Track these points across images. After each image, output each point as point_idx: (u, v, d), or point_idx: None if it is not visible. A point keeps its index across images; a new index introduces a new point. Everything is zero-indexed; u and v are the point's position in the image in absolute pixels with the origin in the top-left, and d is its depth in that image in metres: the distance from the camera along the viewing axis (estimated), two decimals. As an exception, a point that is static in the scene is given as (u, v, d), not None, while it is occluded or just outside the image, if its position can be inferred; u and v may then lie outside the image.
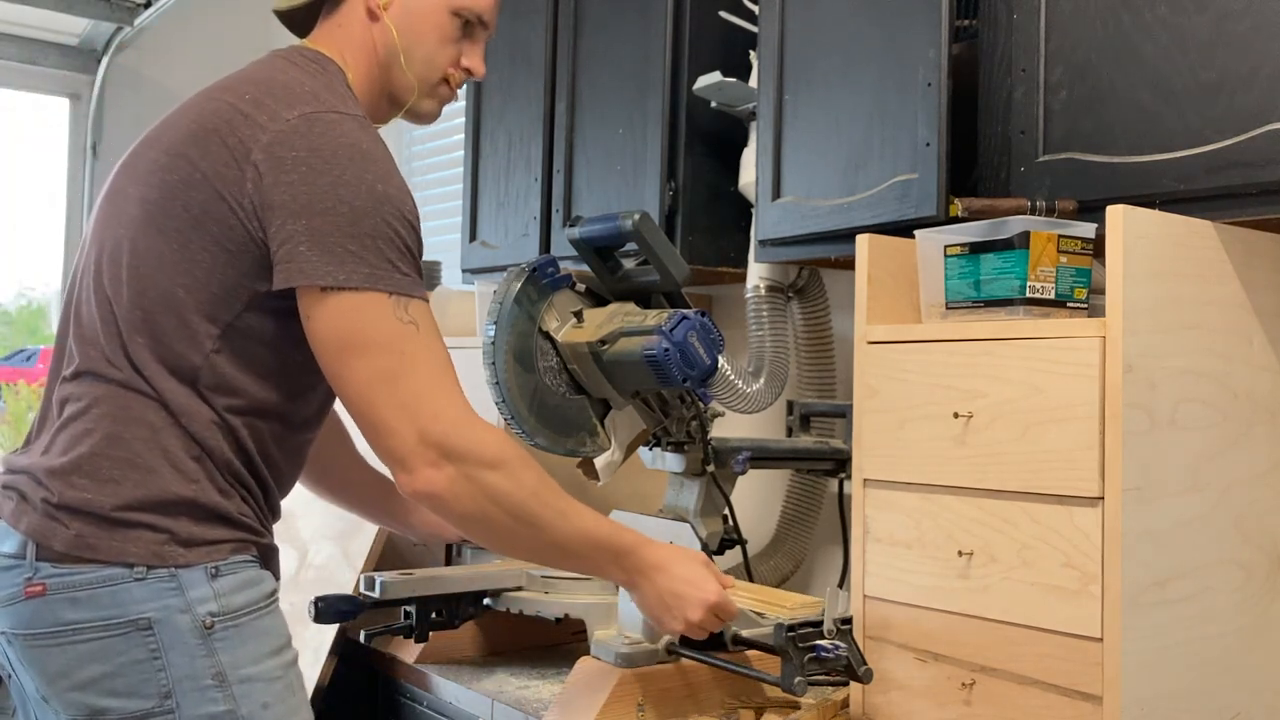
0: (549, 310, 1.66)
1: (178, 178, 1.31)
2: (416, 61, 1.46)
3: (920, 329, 1.47)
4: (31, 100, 3.80)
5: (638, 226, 1.62)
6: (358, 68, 1.44)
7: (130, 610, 1.25)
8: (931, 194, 1.60)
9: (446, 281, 2.98)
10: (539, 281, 1.66)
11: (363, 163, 1.29)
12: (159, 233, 1.31)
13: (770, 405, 2.08)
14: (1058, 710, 1.27)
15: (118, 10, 3.51)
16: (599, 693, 1.48)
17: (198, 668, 1.26)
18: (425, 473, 1.26)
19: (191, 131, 1.33)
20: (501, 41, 2.58)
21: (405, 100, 1.49)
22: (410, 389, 1.27)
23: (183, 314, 1.30)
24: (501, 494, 1.29)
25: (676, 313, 1.58)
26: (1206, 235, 1.33)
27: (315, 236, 1.25)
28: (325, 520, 2.08)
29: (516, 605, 1.71)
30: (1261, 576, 1.40)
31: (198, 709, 1.26)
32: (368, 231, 1.27)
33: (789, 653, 1.40)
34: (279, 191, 1.26)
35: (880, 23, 1.71)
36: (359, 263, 1.26)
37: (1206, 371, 1.33)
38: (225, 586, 1.29)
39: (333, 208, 1.26)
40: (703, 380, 1.60)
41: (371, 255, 1.27)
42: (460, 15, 1.47)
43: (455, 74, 1.51)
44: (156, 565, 1.26)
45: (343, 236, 1.26)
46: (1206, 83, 1.35)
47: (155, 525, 1.27)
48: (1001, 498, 1.34)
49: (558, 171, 2.37)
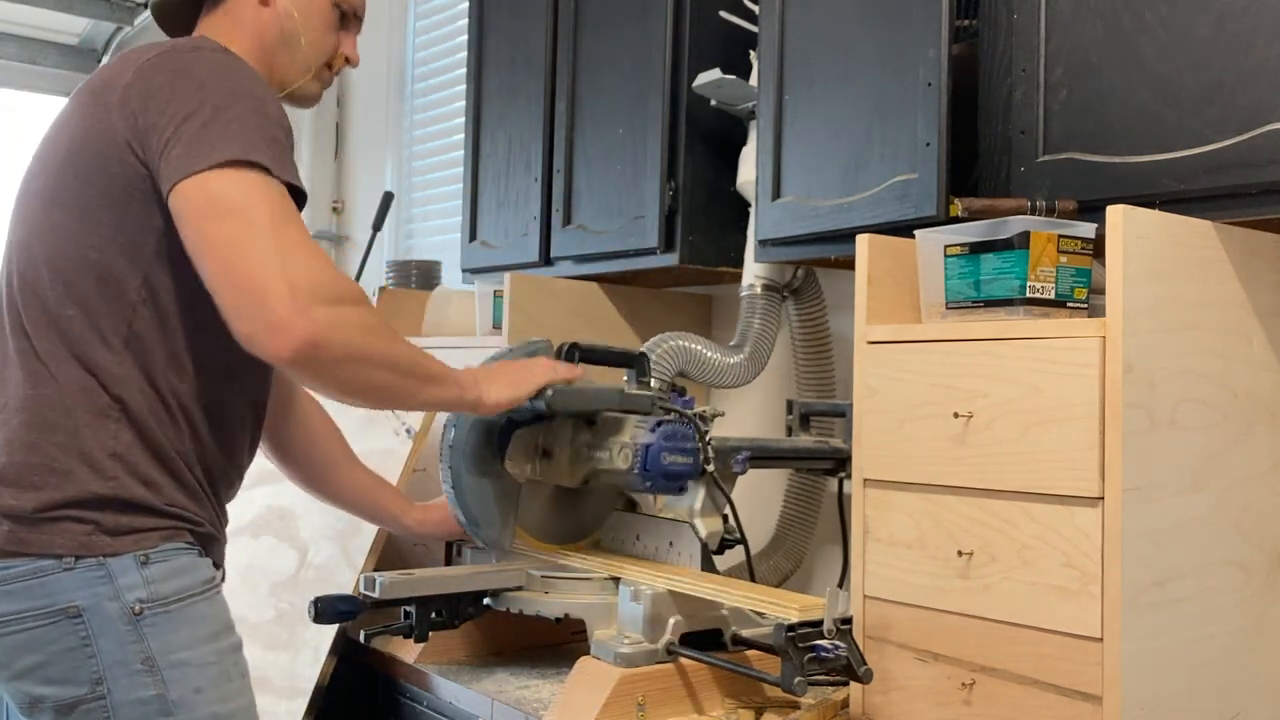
0: (510, 463, 1.72)
1: (62, 152, 1.36)
2: (307, 45, 1.53)
3: (920, 329, 1.47)
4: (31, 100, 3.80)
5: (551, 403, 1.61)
6: (246, 50, 1.47)
7: (60, 599, 1.28)
8: (931, 194, 1.60)
9: (446, 281, 2.98)
10: (492, 446, 1.71)
11: (224, 70, 1.33)
12: (59, 207, 1.35)
13: (752, 380, 2.08)
14: (1058, 710, 1.27)
15: (118, 10, 3.51)
16: (599, 693, 1.48)
17: (128, 654, 1.29)
18: (297, 323, 1.22)
19: (69, 113, 1.41)
20: (502, 41, 2.58)
21: (294, 81, 1.55)
22: (278, 243, 1.25)
23: (102, 276, 1.32)
24: (370, 326, 1.31)
25: (639, 447, 1.60)
26: (1206, 235, 1.33)
27: (184, 136, 1.27)
28: (325, 520, 2.08)
29: (516, 605, 1.71)
30: (1261, 576, 1.40)
31: (128, 694, 1.29)
32: (234, 118, 1.29)
33: (789, 653, 1.40)
34: (149, 114, 1.30)
35: (880, 23, 1.71)
36: (228, 144, 1.27)
37: (1206, 371, 1.33)
38: (156, 574, 1.31)
39: (197, 110, 1.28)
40: (691, 476, 1.66)
41: (237, 139, 1.28)
42: (339, 7, 1.56)
43: (337, 60, 1.59)
44: (84, 555, 1.29)
45: (209, 130, 1.27)
46: (1206, 83, 1.35)
47: (80, 519, 1.29)
48: (1001, 498, 1.34)
49: (558, 171, 2.37)
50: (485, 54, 2.64)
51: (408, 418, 2.11)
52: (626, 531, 1.80)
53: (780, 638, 1.40)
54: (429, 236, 3.64)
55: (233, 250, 1.24)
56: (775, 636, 1.41)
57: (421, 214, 3.69)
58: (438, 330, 2.55)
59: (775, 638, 1.41)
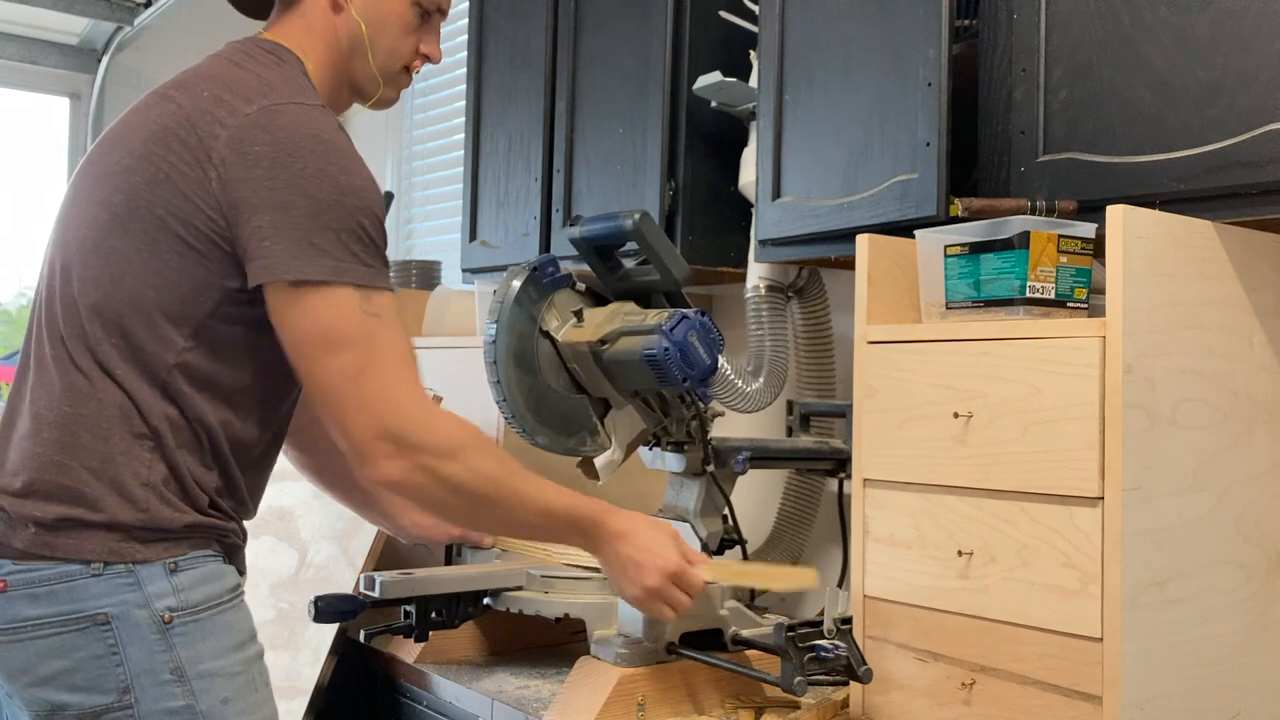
0: (549, 310, 1.66)
1: (141, 179, 1.31)
2: (381, 51, 1.47)
3: (920, 329, 1.47)
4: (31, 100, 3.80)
5: (638, 226, 1.62)
6: (318, 57, 1.44)
7: (88, 606, 1.26)
8: (931, 194, 1.60)
9: (446, 281, 2.98)
10: (539, 281, 1.66)
11: (325, 154, 1.29)
12: (125, 234, 1.31)
13: (769, 404, 2.08)
14: (1058, 710, 1.27)
15: (118, 10, 3.51)
16: (599, 692, 1.48)
17: (156, 663, 1.27)
18: (383, 465, 1.29)
19: (152, 132, 1.33)
20: (501, 41, 2.58)
21: (369, 90, 1.50)
22: (371, 384, 1.28)
23: (153, 315, 1.30)
24: (457, 483, 1.32)
25: (677, 312, 1.58)
26: (1206, 235, 1.33)
27: (280, 231, 1.26)
28: (325, 520, 2.08)
29: (516, 605, 1.71)
30: (1261, 576, 1.40)
31: (157, 704, 1.27)
32: (330, 224, 1.27)
33: (789, 653, 1.40)
34: (243, 188, 1.27)
35: (880, 23, 1.71)
36: (324, 256, 1.26)
37: (1206, 371, 1.33)
38: (185, 582, 1.30)
39: (295, 201, 1.26)
40: (703, 380, 1.60)
41: (335, 248, 1.27)
42: (420, 5, 1.49)
43: (417, 62, 1.53)
44: (114, 561, 1.27)
45: (306, 230, 1.26)
46: (1206, 83, 1.35)
47: (109, 526, 1.28)
48: (1001, 498, 1.34)
49: (558, 171, 2.37)
50: (485, 54, 2.64)
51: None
52: (626, 531, 1.80)
53: (780, 638, 1.40)
54: (429, 236, 3.64)
55: (333, 385, 1.28)
56: (775, 636, 1.41)
57: (421, 214, 3.69)
58: (438, 330, 2.55)
59: (775, 638, 1.41)
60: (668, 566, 1.42)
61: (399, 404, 1.29)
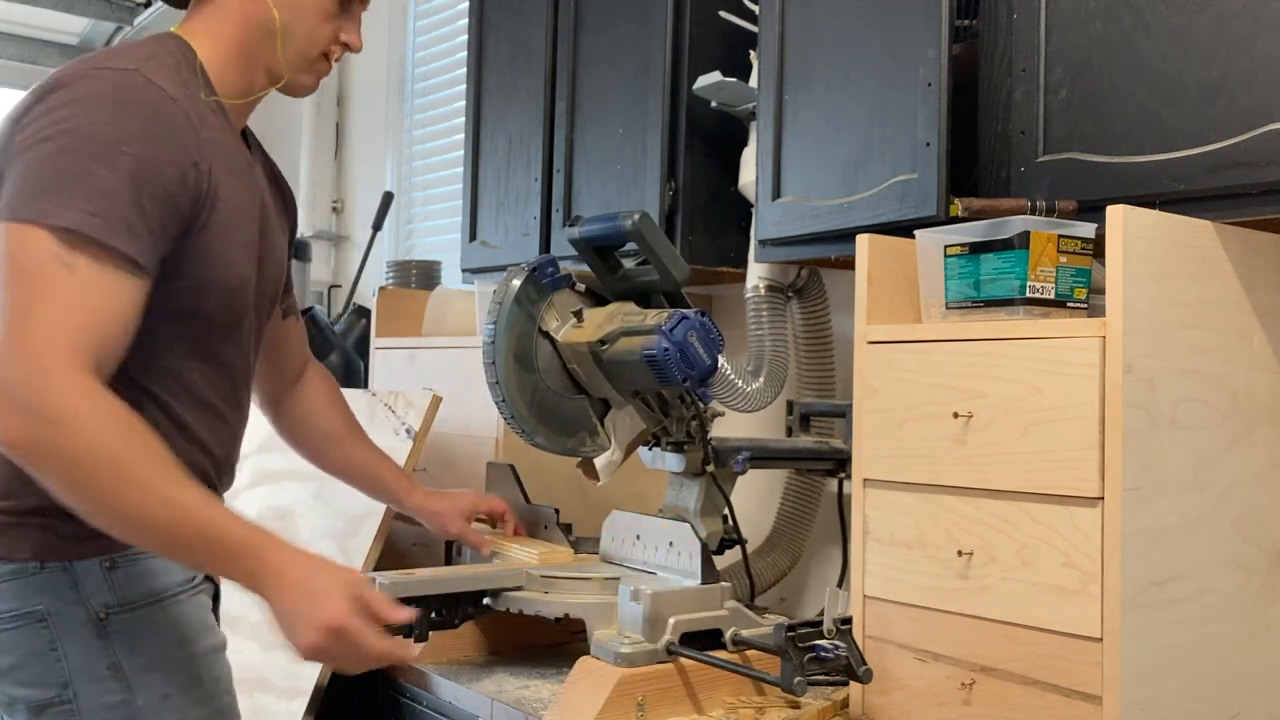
0: (549, 310, 1.66)
1: None
2: (297, 37, 1.45)
3: (920, 329, 1.47)
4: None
5: (638, 226, 1.62)
6: (227, 41, 1.41)
7: (28, 603, 1.28)
8: (931, 194, 1.60)
9: (447, 281, 2.98)
10: (539, 281, 1.66)
11: (97, 105, 1.23)
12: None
13: (769, 404, 2.08)
14: (1058, 710, 1.27)
15: (118, 10, 3.52)
16: (599, 693, 1.48)
17: (93, 659, 1.28)
18: (4, 419, 1.15)
19: None
20: (501, 41, 2.58)
21: (283, 75, 1.47)
22: (16, 331, 1.16)
23: None
24: (57, 452, 1.15)
25: (676, 313, 1.58)
26: (1206, 235, 1.33)
27: (21, 175, 1.22)
28: (325, 520, 2.08)
29: (516, 605, 1.71)
30: (1261, 577, 1.40)
31: (95, 699, 1.29)
32: (62, 166, 1.20)
33: (789, 653, 1.40)
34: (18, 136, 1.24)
35: (880, 23, 1.71)
36: (35, 198, 1.19)
37: (1206, 371, 1.33)
38: (121, 578, 1.30)
39: (33, 146, 1.22)
40: (702, 380, 1.60)
41: (53, 191, 1.19)
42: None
43: (335, 49, 1.50)
44: (49, 559, 1.28)
45: (33, 173, 1.21)
46: (1206, 83, 1.35)
47: (42, 525, 1.28)
48: (1001, 498, 1.34)
49: (558, 171, 2.37)
50: (485, 54, 2.64)
51: (407, 417, 2.11)
52: (626, 531, 1.80)
53: (780, 638, 1.40)
54: (429, 236, 3.64)
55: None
56: (775, 636, 1.41)
57: (421, 214, 3.69)
58: (438, 330, 2.55)
59: (775, 638, 1.41)
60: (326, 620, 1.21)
61: (31, 355, 1.15)
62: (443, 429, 2.24)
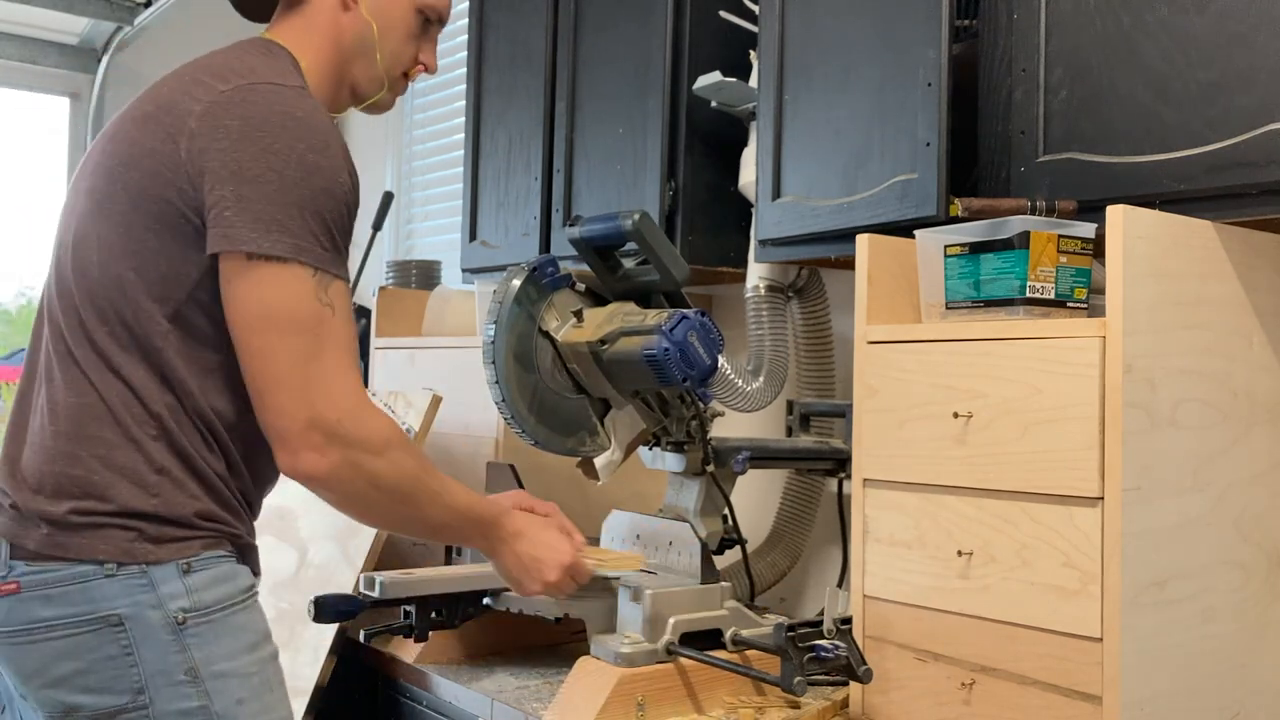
0: (549, 310, 1.66)
1: (116, 161, 1.32)
2: (386, 55, 1.47)
3: (920, 329, 1.47)
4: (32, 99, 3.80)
5: (638, 226, 1.62)
6: (317, 55, 1.43)
7: (101, 606, 1.25)
8: (931, 194, 1.60)
9: (447, 281, 2.98)
10: (539, 281, 1.66)
11: (295, 131, 1.28)
12: (105, 219, 1.32)
13: (769, 404, 2.08)
14: (1058, 710, 1.27)
15: (118, 9, 3.51)
16: (599, 693, 1.48)
17: (170, 663, 1.27)
18: (308, 456, 1.26)
19: (133, 118, 1.35)
20: (501, 41, 2.58)
21: (369, 92, 1.50)
22: (314, 373, 1.26)
23: (137, 298, 1.29)
24: (383, 479, 1.31)
25: (676, 312, 1.58)
26: (1206, 235, 1.33)
27: (242, 203, 1.24)
28: (325, 520, 2.08)
29: (516, 605, 1.71)
30: (1261, 576, 1.40)
31: (170, 704, 1.26)
32: (294, 201, 1.26)
33: (789, 652, 1.40)
34: (210, 158, 1.26)
35: (880, 23, 1.71)
36: (283, 233, 1.25)
37: (1206, 371, 1.33)
38: (198, 582, 1.29)
39: (261, 175, 1.25)
40: (702, 380, 1.60)
41: (296, 226, 1.25)
42: (423, 13, 1.50)
43: (416, 69, 1.53)
44: (127, 562, 1.26)
45: (269, 205, 1.25)
46: (1206, 83, 1.35)
47: (124, 525, 1.27)
48: (1001, 498, 1.34)
49: (558, 171, 2.37)
50: (485, 53, 2.64)
51: (407, 417, 2.11)
52: (626, 531, 1.80)
53: (780, 638, 1.40)
54: (429, 236, 3.64)
55: (273, 367, 1.26)
56: (775, 636, 1.41)
57: (421, 214, 3.69)
58: (437, 330, 2.55)
59: (775, 638, 1.41)
60: (563, 560, 1.50)
61: (336, 396, 1.27)
62: (443, 429, 2.24)
